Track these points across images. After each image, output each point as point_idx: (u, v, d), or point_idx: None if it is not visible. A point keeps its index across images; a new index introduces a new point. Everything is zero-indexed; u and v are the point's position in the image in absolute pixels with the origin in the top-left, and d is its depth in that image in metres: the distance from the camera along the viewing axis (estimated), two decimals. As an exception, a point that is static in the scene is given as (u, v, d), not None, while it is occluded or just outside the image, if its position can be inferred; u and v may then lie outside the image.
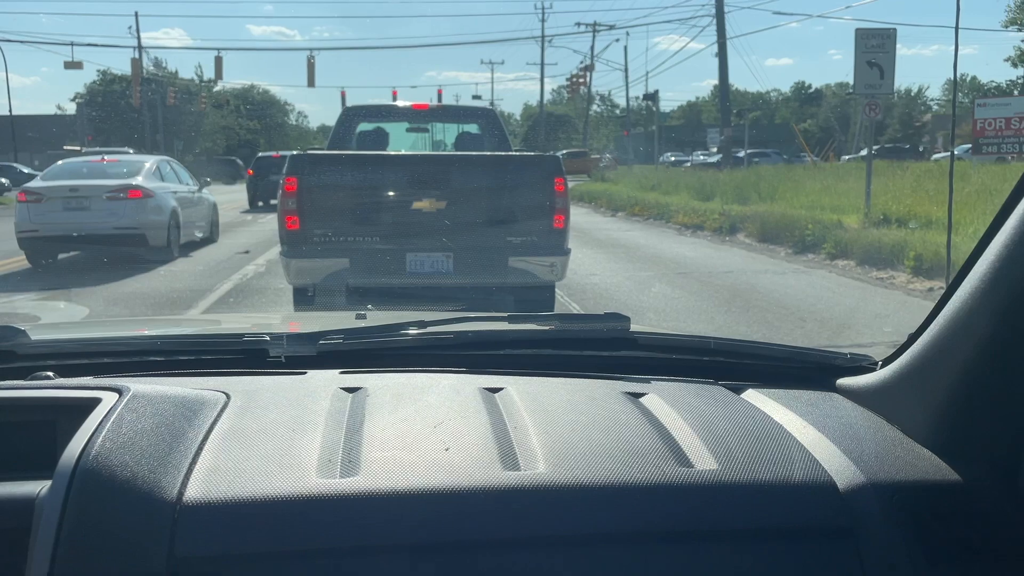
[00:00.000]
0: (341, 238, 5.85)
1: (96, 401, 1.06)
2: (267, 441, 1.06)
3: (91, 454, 0.93)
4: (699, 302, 8.54)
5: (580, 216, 19.51)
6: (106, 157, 13.43)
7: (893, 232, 11.51)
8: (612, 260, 12.08)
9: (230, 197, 24.88)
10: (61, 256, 11.50)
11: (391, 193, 6.03)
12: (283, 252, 6.02)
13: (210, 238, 13.85)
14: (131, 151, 22.73)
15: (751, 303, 8.49)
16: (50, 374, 1.28)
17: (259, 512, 0.93)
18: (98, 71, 60.45)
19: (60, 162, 13.13)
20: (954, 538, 1.02)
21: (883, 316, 7.98)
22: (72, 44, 52.71)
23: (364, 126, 8.64)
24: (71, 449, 0.94)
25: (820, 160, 32.27)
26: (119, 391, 1.10)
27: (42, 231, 10.83)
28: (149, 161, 12.75)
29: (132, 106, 50.57)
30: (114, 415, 1.02)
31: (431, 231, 5.87)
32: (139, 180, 11.70)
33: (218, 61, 39.26)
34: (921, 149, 46.57)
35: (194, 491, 0.95)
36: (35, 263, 11.08)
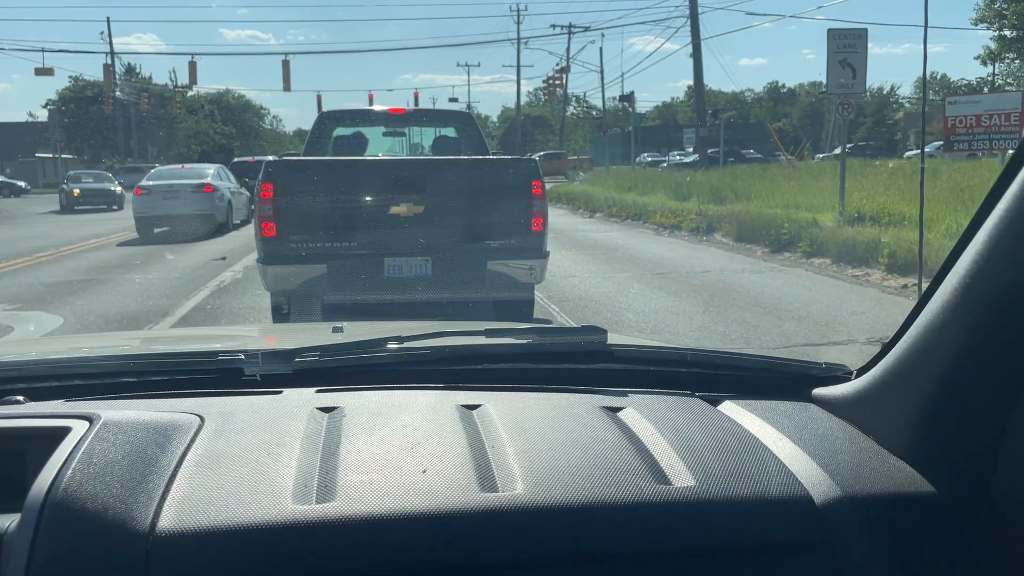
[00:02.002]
0: (318, 244, 5.81)
1: (66, 430, 1.04)
2: (241, 466, 1.05)
3: (61, 486, 0.92)
4: (677, 302, 8.58)
5: (558, 217, 19.54)
6: (184, 165, 21.08)
7: (867, 230, 11.64)
8: (591, 261, 12.11)
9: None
10: (156, 230, 17.05)
11: (368, 198, 5.99)
12: (260, 259, 5.96)
13: (247, 221, 19.12)
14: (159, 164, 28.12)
15: (729, 302, 8.54)
16: (20, 398, 1.26)
17: (233, 541, 0.92)
18: (70, 77, 59.70)
19: (155, 169, 21.06)
20: (930, 549, 1.03)
21: (859, 313, 8.07)
22: (43, 50, 51.77)
23: (340, 131, 8.61)
24: (40, 481, 0.92)
25: (795, 159, 32.54)
26: (90, 419, 1.08)
27: (151, 213, 17.17)
28: (211, 168, 19.60)
29: (105, 112, 49.96)
30: (84, 444, 1.00)
31: (409, 236, 5.84)
32: (209, 179, 18.26)
33: (192, 66, 38.97)
34: (897, 138, 47.01)
35: (167, 521, 0.93)
36: (143, 235, 16.92)
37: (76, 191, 29.72)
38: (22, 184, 44.48)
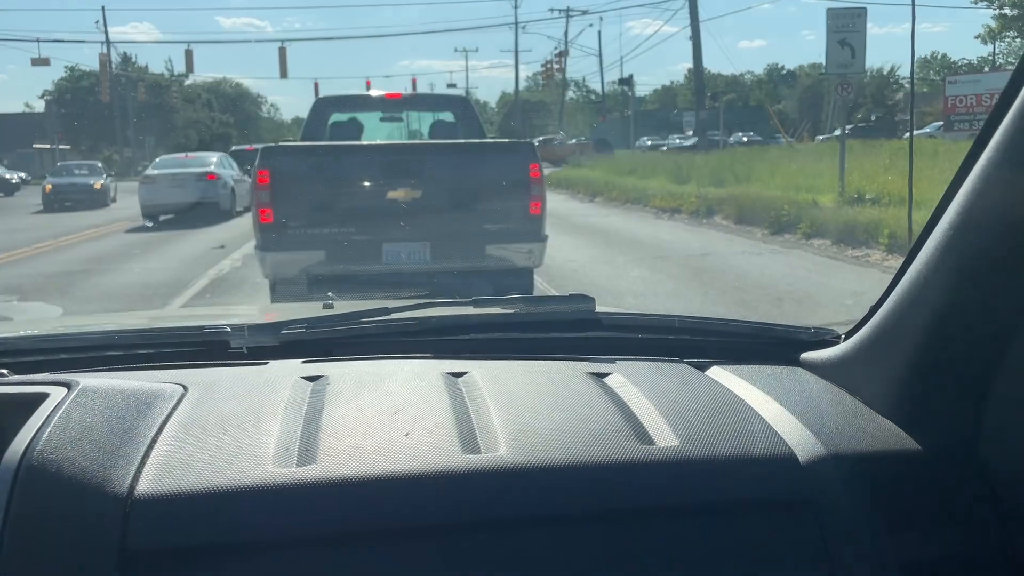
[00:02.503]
0: (316, 230, 5.77)
1: (44, 396, 1.04)
2: (223, 432, 1.05)
3: (36, 449, 0.91)
4: (677, 285, 8.57)
5: (558, 202, 19.50)
6: (188, 154, 21.36)
7: (867, 211, 11.61)
8: (590, 245, 12.09)
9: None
10: (161, 218, 17.55)
11: (366, 183, 5.96)
12: (258, 246, 5.93)
13: (249, 208, 18.64)
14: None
15: (729, 284, 8.53)
16: (3, 372, 1.26)
17: (212, 504, 0.91)
18: (66, 67, 59.44)
19: (159, 158, 21.09)
20: (915, 507, 1.02)
21: (859, 294, 8.05)
22: (39, 40, 51.67)
23: (337, 116, 8.53)
24: (15, 445, 0.92)
25: (795, 141, 32.46)
26: (68, 385, 1.07)
27: (156, 201, 17.63)
28: (215, 156, 20.13)
29: (102, 102, 49.80)
30: (61, 409, 1.00)
31: (407, 221, 5.80)
32: (212, 168, 18.77)
33: (188, 55, 38.83)
34: (896, 119, 46.78)
35: (146, 485, 0.93)
36: (149, 221, 17.38)
37: (48, 187, 24.92)
38: (16, 177, 36.79)
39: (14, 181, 36.17)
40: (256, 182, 5.79)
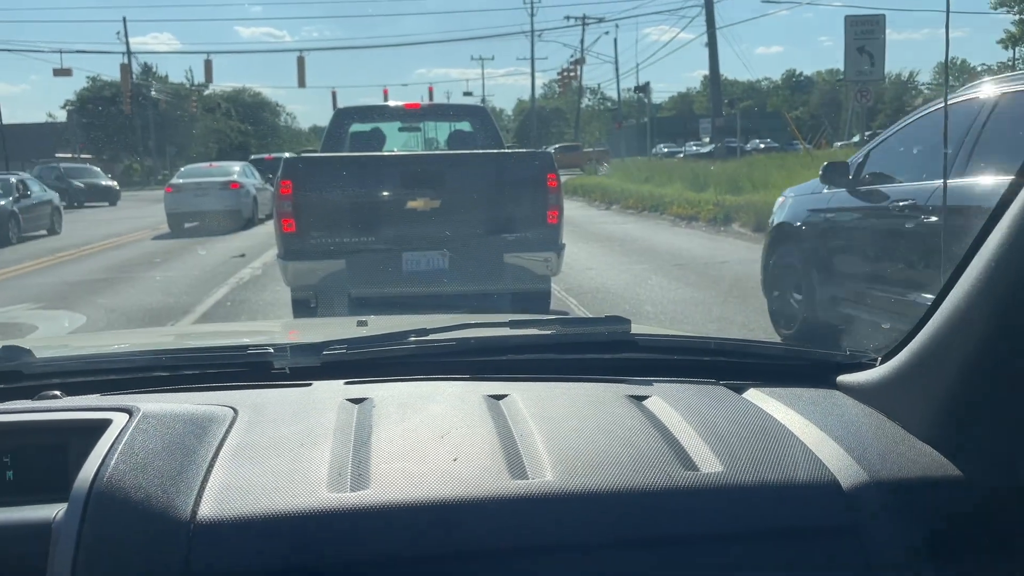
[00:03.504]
0: (337, 239, 5.91)
1: (107, 422, 1.07)
2: (277, 456, 1.08)
3: (105, 476, 0.94)
4: (696, 293, 8.56)
5: (575, 210, 19.51)
6: (212, 164, 22.10)
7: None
8: (608, 253, 12.09)
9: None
10: (187, 225, 17.89)
11: (385, 193, 6.08)
12: (280, 255, 6.07)
13: (271, 216, 20.21)
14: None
15: (748, 293, 8.50)
16: (57, 393, 1.29)
17: (272, 527, 0.94)
18: (88, 78, 60.13)
19: (184, 167, 21.36)
20: (957, 534, 1.03)
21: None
22: (61, 51, 52.45)
23: (357, 127, 8.68)
24: (85, 472, 0.95)
25: (813, 148, 32.29)
26: (129, 411, 1.11)
27: (181, 209, 18.03)
28: (237, 165, 20.61)
29: (123, 112, 50.39)
30: (126, 436, 1.03)
31: (426, 230, 5.92)
32: (235, 176, 19.13)
33: (208, 64, 39.23)
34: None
35: (207, 509, 0.96)
36: (174, 229, 17.75)
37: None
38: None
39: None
40: (279, 192, 5.91)
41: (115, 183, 35.59)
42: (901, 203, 4.93)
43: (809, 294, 5.90)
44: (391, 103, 10.61)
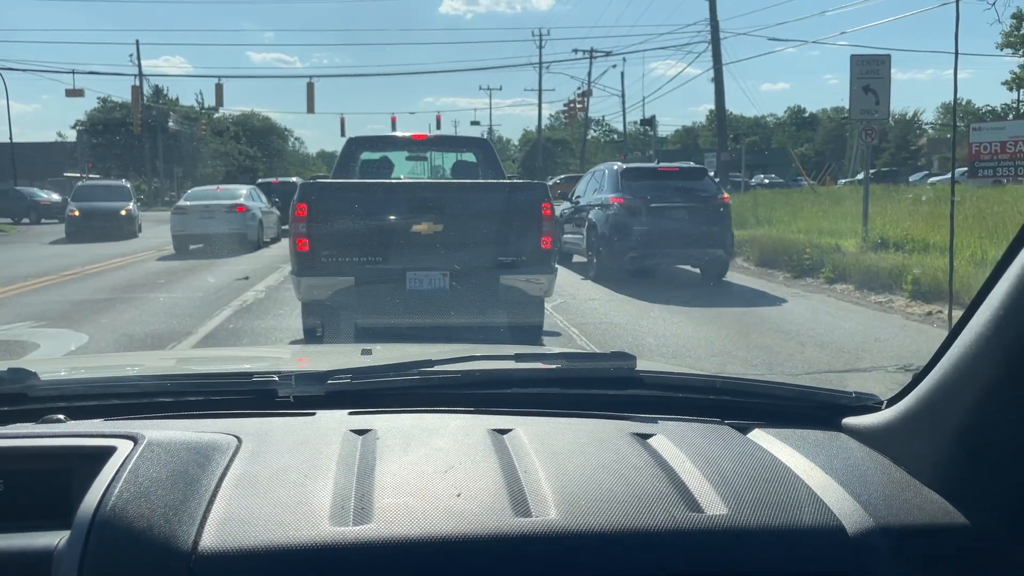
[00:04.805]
0: (347, 258, 6.39)
1: (111, 450, 1.07)
2: (279, 487, 1.07)
3: (108, 505, 0.94)
4: (698, 327, 8.55)
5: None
6: (219, 186, 22.51)
7: (891, 256, 11.54)
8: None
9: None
10: (192, 247, 17.99)
11: (392, 217, 6.54)
12: (294, 271, 6.56)
13: (276, 239, 20.52)
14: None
15: (750, 327, 8.49)
16: (61, 417, 1.29)
17: (273, 561, 0.93)
18: (99, 99, 60.76)
19: (191, 190, 21.92)
20: None
21: (883, 340, 7.99)
22: (73, 72, 52.84)
23: (367, 154, 9.24)
24: (89, 500, 0.95)
25: (817, 184, 32.43)
26: (134, 439, 1.10)
27: (186, 231, 18.31)
28: (244, 189, 20.93)
29: (133, 133, 50.82)
30: (130, 464, 1.03)
31: (429, 252, 6.37)
32: (242, 200, 19.34)
33: (219, 88, 39.52)
34: (920, 164, 46.81)
35: (209, 540, 0.95)
36: (180, 251, 17.86)
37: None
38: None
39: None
40: (295, 214, 6.38)
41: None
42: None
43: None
44: (399, 133, 11.08)
